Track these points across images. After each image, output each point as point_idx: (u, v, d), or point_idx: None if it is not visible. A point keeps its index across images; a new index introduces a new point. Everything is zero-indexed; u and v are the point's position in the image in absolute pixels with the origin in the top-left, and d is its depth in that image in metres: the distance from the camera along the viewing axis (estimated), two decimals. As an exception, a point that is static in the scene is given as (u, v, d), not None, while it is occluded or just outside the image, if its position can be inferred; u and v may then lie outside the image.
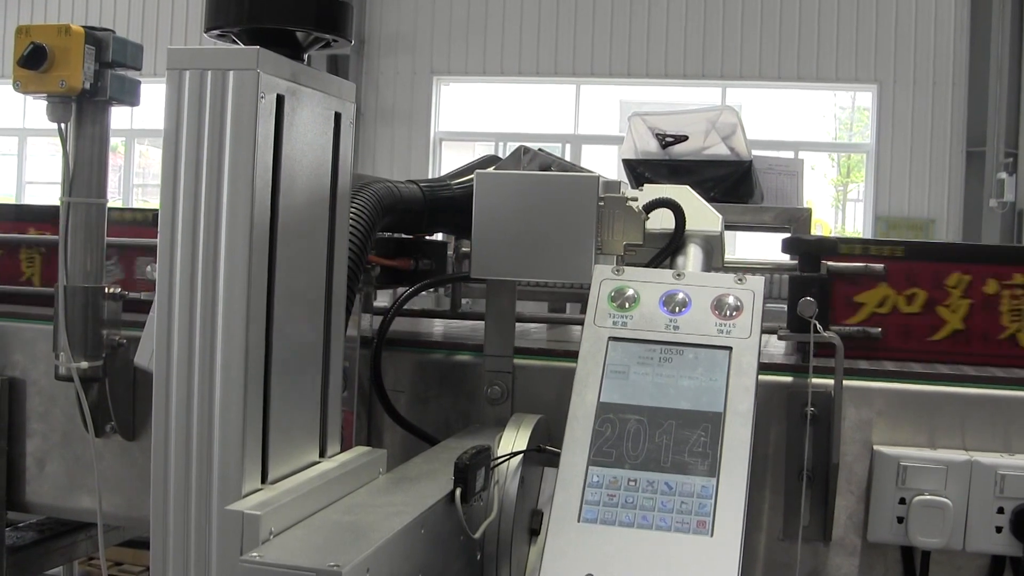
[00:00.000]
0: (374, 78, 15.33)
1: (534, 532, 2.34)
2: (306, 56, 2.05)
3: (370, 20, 15.33)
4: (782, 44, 14.33)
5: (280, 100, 1.87)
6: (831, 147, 16.30)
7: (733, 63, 14.50)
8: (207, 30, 2.01)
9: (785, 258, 3.12)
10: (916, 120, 14.05)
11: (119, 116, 2.84)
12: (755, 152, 5.32)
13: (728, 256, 2.71)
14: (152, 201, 16.48)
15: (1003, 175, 13.22)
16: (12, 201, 15.96)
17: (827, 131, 16.21)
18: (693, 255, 2.46)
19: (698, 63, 14.59)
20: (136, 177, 17.25)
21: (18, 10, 16.20)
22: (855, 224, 15.70)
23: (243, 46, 1.94)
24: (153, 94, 2.50)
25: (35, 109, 3.19)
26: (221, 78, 1.80)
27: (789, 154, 12.19)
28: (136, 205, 16.32)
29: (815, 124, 15.91)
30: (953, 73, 13.90)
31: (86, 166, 2.73)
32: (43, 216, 3.48)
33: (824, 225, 15.49)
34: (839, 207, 16.70)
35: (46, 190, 16.33)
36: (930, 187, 14.02)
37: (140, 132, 16.29)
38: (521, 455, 2.24)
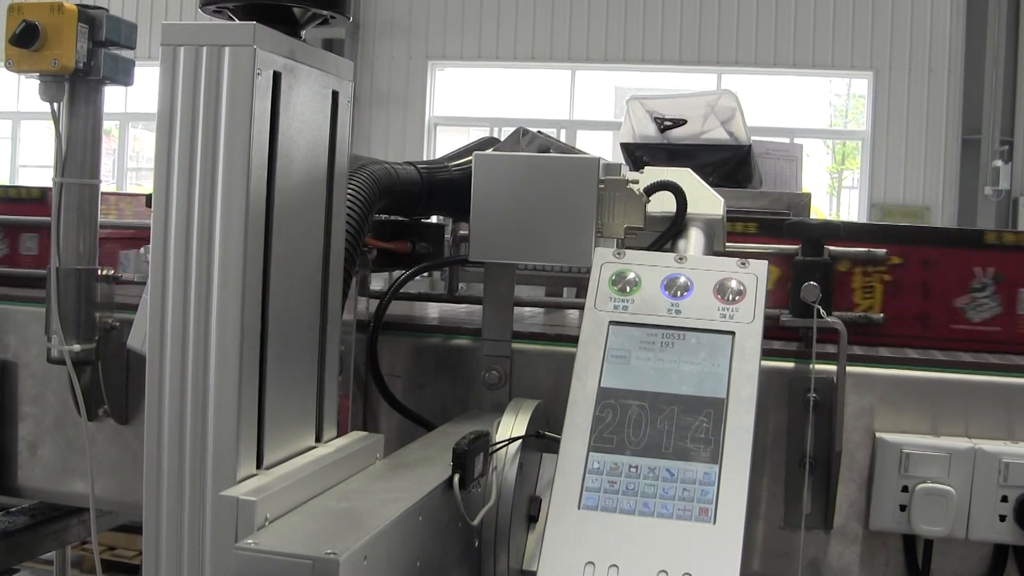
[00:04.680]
0: (369, 63, 15.30)
1: (533, 519, 2.31)
2: (303, 34, 2.01)
3: (366, 5, 15.30)
4: (778, 30, 14.31)
5: (277, 77, 1.84)
6: (826, 134, 16.26)
7: (729, 49, 14.48)
8: (202, 6, 1.98)
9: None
10: (911, 107, 14.04)
11: (113, 99, 2.81)
12: (753, 137, 5.31)
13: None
14: (146, 185, 16.43)
15: (998, 163, 13.23)
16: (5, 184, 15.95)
17: (822, 118, 16.17)
18: (695, 239, 2.44)
19: (694, 49, 14.57)
20: (130, 161, 17.21)
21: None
22: (850, 211, 15.69)
23: (239, 22, 1.90)
24: (146, 77, 2.46)
25: (29, 92, 3.16)
26: (217, 54, 1.77)
27: (785, 140, 12.16)
28: (130, 189, 16.32)
29: (810, 111, 15.88)
30: (949, 60, 13.88)
31: (79, 146, 2.70)
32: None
33: (819, 212, 15.46)
34: (834, 194, 16.68)
35: (40, 173, 16.30)
36: (925, 175, 14.02)
37: (134, 116, 16.27)
38: (520, 441, 2.21)
